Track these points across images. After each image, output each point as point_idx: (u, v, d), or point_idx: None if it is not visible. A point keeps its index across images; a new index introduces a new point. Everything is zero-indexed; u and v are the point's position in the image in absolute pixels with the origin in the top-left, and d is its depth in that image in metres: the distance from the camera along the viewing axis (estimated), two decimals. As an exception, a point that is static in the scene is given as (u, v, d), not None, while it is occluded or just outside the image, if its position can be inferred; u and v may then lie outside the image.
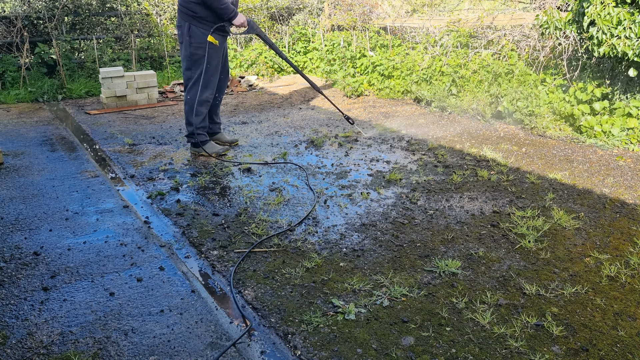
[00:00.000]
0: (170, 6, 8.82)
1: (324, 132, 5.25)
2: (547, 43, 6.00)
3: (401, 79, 7.02)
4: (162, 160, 4.41)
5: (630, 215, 3.25)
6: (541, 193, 3.60)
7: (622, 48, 4.53)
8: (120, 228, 3.11)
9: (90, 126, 5.59)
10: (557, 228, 3.07)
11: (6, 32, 7.62)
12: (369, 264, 2.67)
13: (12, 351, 2.02)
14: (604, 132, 4.78)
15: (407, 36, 8.22)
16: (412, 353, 2.01)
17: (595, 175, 3.94)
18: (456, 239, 2.95)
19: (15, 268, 2.64)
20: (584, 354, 2.00)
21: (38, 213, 3.31)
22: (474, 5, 8.88)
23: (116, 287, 2.47)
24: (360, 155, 4.49)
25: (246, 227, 3.11)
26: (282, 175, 4.01)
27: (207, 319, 2.23)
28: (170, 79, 8.05)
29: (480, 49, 6.54)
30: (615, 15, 4.56)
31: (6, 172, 4.10)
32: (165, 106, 6.64)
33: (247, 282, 2.51)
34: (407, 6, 9.07)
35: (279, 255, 2.78)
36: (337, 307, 2.29)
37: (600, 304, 2.32)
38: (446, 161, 4.30)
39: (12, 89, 7.06)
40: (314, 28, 9.83)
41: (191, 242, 2.95)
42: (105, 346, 2.05)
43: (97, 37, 8.09)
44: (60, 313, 2.26)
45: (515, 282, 2.50)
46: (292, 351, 2.03)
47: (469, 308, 2.29)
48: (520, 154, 4.47)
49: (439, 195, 3.59)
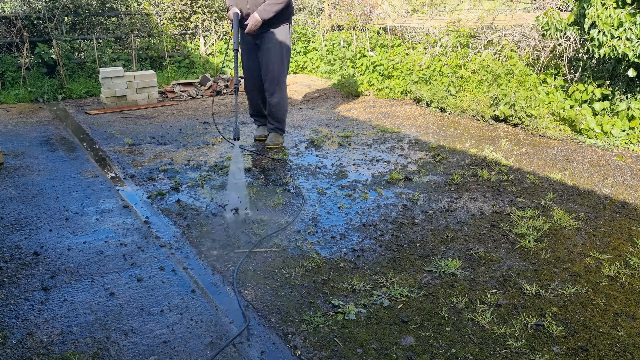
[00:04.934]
0: (170, 6, 8.83)
1: (324, 132, 5.25)
2: (547, 44, 6.00)
3: (401, 79, 7.02)
4: (162, 160, 4.40)
5: (630, 215, 3.25)
6: (541, 193, 3.60)
7: (623, 49, 4.53)
8: (120, 228, 3.11)
9: (90, 126, 5.59)
10: (557, 228, 3.07)
11: (6, 32, 7.62)
12: (369, 264, 2.67)
13: (12, 351, 2.02)
14: (604, 132, 4.78)
15: (407, 36, 8.22)
16: (412, 353, 2.01)
17: (595, 175, 3.94)
18: (456, 239, 2.95)
19: (15, 268, 2.63)
20: (584, 354, 2.00)
21: (38, 213, 3.30)
22: (474, 6, 8.88)
23: (116, 287, 2.47)
24: (360, 155, 4.49)
25: (246, 227, 3.11)
26: (283, 175, 4.01)
27: (207, 319, 2.23)
28: (170, 79, 8.05)
29: (480, 49, 6.54)
30: (616, 17, 4.56)
31: (6, 172, 4.10)
32: (165, 106, 6.64)
33: (247, 282, 2.51)
34: (407, 6, 9.07)
35: (279, 255, 2.78)
36: (337, 307, 2.29)
37: (600, 304, 2.32)
38: (446, 161, 4.30)
39: (12, 89, 7.06)
40: (314, 28, 9.83)
41: (191, 242, 2.95)
42: (105, 346, 2.05)
43: (97, 37, 8.09)
44: (60, 313, 2.26)
45: (515, 282, 2.50)
46: (292, 351, 2.03)
47: (469, 308, 2.29)
48: (520, 154, 4.47)
49: (439, 195, 3.59)
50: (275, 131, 4.86)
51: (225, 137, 4.97)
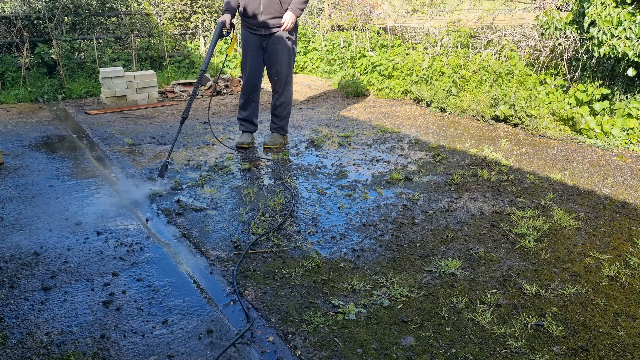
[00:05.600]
0: (170, 6, 8.82)
1: (324, 132, 5.25)
2: (547, 43, 6.00)
3: (401, 79, 7.02)
4: (162, 160, 4.40)
5: (630, 215, 3.25)
6: (541, 193, 3.60)
7: (623, 48, 4.53)
8: (120, 228, 3.11)
9: (90, 126, 5.59)
10: (557, 228, 3.07)
11: (6, 32, 7.62)
12: (369, 264, 2.67)
13: (12, 351, 2.02)
14: (604, 132, 4.78)
15: (407, 36, 8.22)
16: (412, 353, 2.01)
17: (595, 175, 3.94)
18: (456, 239, 2.95)
19: (15, 268, 2.63)
20: (584, 354, 2.00)
21: (38, 213, 3.30)
22: (474, 6, 8.88)
23: (116, 287, 2.47)
24: (360, 155, 4.49)
25: (246, 226, 3.11)
26: (283, 175, 4.01)
27: (207, 319, 2.23)
28: (170, 79, 8.05)
29: (481, 49, 6.54)
30: (616, 16, 4.56)
31: (6, 172, 4.10)
32: (165, 106, 6.64)
33: (247, 282, 2.51)
34: (407, 6, 9.07)
35: (279, 255, 2.78)
36: (337, 307, 2.29)
37: (600, 304, 2.32)
38: (446, 161, 4.30)
39: (12, 89, 7.06)
40: (314, 28, 9.83)
41: (191, 242, 2.95)
42: (105, 346, 2.05)
43: (97, 37, 8.09)
44: (60, 313, 2.26)
45: (515, 282, 2.50)
46: (292, 351, 2.03)
47: (469, 308, 2.29)
48: (520, 154, 4.47)
49: (439, 195, 3.59)
50: (278, 131, 4.86)
51: (219, 139, 4.95)
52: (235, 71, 8.73)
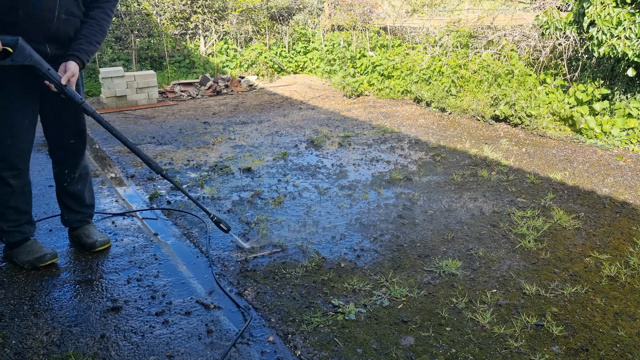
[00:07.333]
0: (170, 6, 8.82)
1: (324, 132, 5.25)
2: (547, 43, 6.00)
3: (401, 79, 7.02)
4: (162, 160, 4.40)
5: (630, 215, 3.25)
6: (541, 193, 3.60)
7: (622, 48, 4.53)
8: (120, 228, 3.11)
9: (90, 126, 5.58)
10: (557, 228, 3.07)
11: (6, 32, 7.62)
12: (369, 264, 2.67)
13: (12, 351, 2.02)
14: (604, 132, 4.78)
15: (407, 36, 8.22)
16: (412, 353, 2.01)
17: (595, 175, 3.94)
18: (456, 239, 2.95)
19: (15, 268, 2.63)
20: (584, 354, 2.00)
21: (38, 213, 3.30)
22: (474, 6, 8.88)
23: (116, 287, 2.47)
24: (360, 155, 4.49)
25: (246, 226, 3.11)
26: (283, 175, 4.01)
27: (207, 319, 2.23)
28: (170, 79, 8.05)
29: (480, 49, 6.54)
30: (616, 16, 4.56)
31: (6, 172, 4.09)
32: (165, 106, 6.64)
33: (247, 282, 2.51)
34: (407, 6, 9.07)
35: (279, 255, 2.78)
36: (337, 307, 2.29)
37: (600, 304, 2.32)
38: (446, 161, 4.30)
39: (12, 89, 7.05)
40: (314, 28, 9.83)
41: (191, 241, 2.95)
42: (105, 346, 2.05)
43: (97, 37, 8.09)
44: (60, 313, 2.26)
45: (515, 282, 2.50)
46: (292, 351, 2.03)
47: (469, 308, 2.29)
48: (520, 154, 4.47)
49: (439, 195, 3.58)
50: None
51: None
52: (234, 71, 8.73)
